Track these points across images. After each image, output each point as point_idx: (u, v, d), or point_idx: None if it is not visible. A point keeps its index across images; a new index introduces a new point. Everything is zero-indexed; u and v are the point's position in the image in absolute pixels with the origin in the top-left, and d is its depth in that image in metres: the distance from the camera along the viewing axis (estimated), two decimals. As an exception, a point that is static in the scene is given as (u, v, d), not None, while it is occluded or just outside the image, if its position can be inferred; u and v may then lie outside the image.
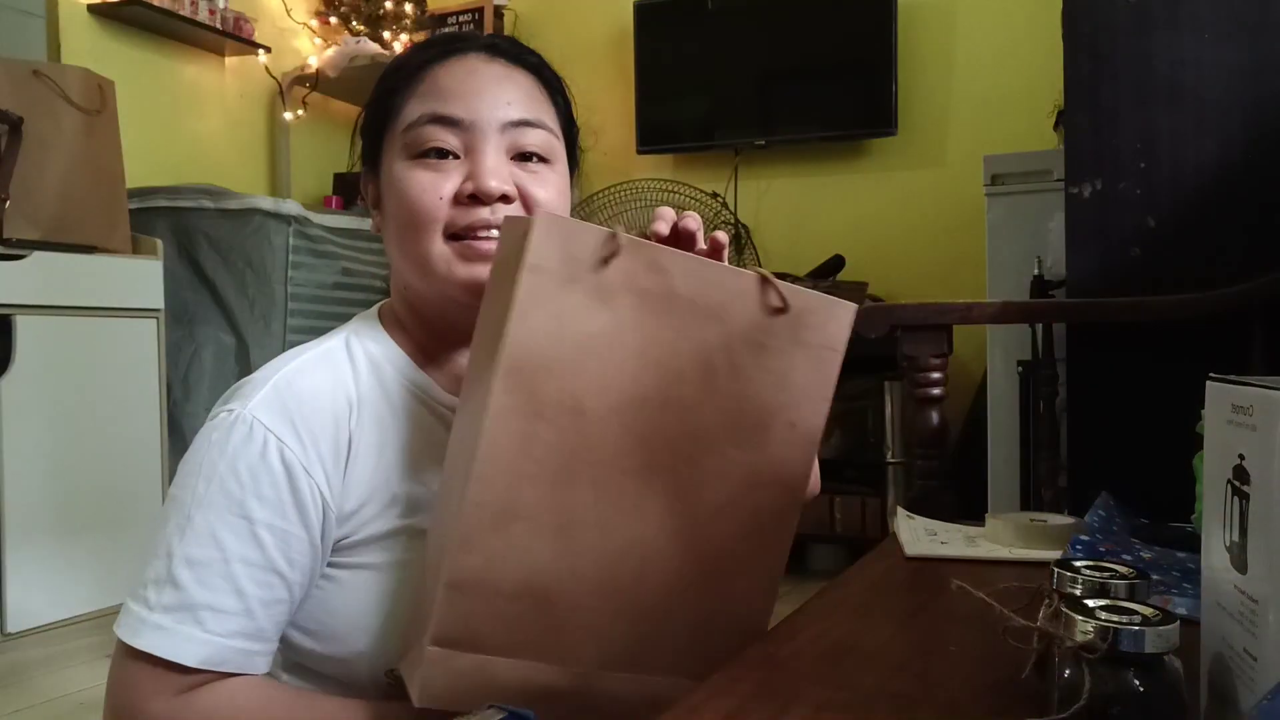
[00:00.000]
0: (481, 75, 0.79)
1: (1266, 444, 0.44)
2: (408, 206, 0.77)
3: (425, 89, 0.79)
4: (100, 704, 0.72)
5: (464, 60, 0.80)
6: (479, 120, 0.77)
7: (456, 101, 0.77)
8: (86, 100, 2.41)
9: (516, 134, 0.79)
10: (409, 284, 0.81)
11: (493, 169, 0.77)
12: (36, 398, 2.26)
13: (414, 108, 0.78)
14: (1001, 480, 2.31)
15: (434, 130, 0.77)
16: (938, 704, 0.56)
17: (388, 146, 0.80)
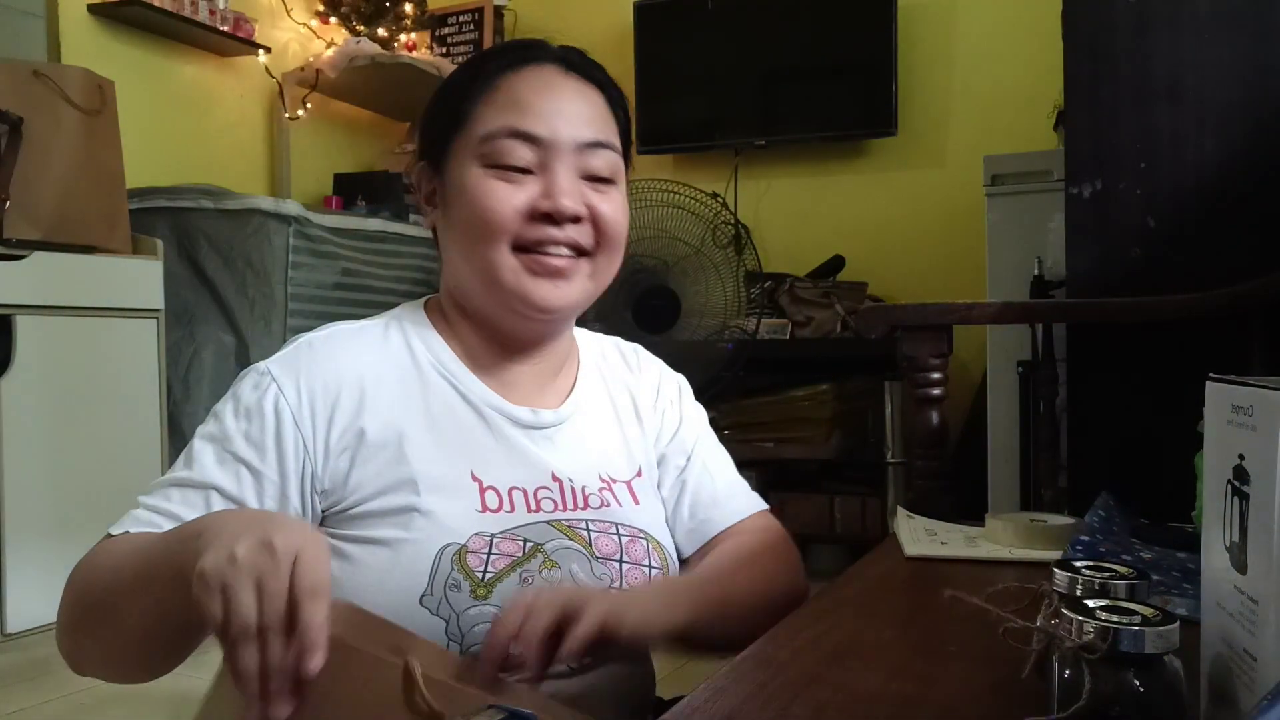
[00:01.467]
0: (558, 91, 0.81)
1: (1266, 444, 0.44)
2: (480, 215, 0.79)
3: (503, 98, 0.80)
4: (100, 704, 0.76)
5: (540, 71, 0.82)
6: (557, 139, 0.79)
7: (535, 118, 0.79)
8: (86, 100, 2.41)
9: (588, 155, 0.81)
10: (463, 286, 0.84)
11: (568, 189, 0.79)
12: (36, 398, 2.26)
13: (492, 118, 0.80)
14: (1001, 480, 2.31)
15: (512, 145, 0.79)
16: (938, 704, 0.56)
17: (458, 151, 0.81)
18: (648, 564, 0.83)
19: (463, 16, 3.70)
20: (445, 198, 0.83)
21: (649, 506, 0.89)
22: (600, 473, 0.86)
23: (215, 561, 0.56)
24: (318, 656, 0.55)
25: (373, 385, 0.79)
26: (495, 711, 0.50)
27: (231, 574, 0.56)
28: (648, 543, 0.85)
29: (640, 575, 0.82)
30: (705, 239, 3.32)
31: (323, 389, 0.78)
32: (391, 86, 3.47)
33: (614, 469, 0.88)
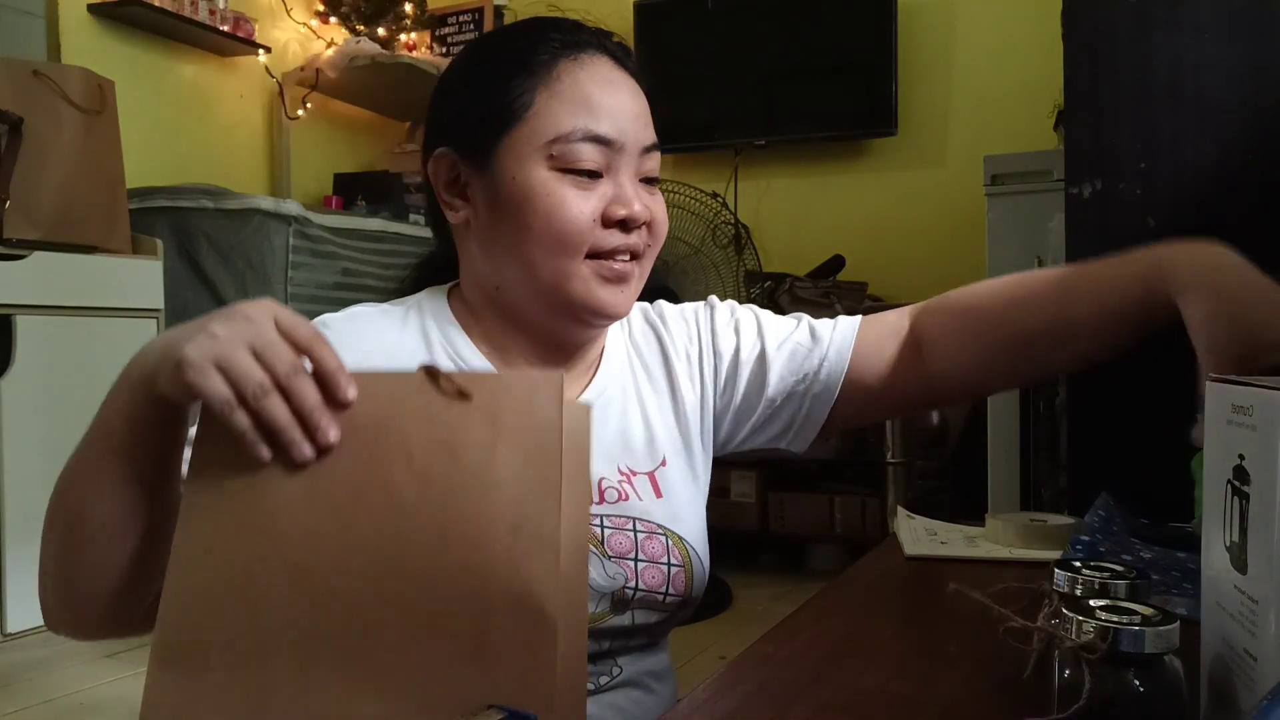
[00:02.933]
0: (620, 88, 0.79)
1: (1266, 444, 0.44)
2: (556, 224, 0.75)
3: (567, 91, 0.76)
4: (100, 704, 0.74)
5: (597, 63, 0.79)
6: (628, 143, 0.78)
7: (607, 119, 0.77)
8: (86, 100, 2.41)
9: (647, 158, 0.80)
10: (508, 287, 0.80)
11: (636, 195, 0.78)
12: (36, 398, 2.26)
13: (562, 115, 0.76)
14: (1001, 480, 2.31)
15: (588, 148, 0.76)
16: (938, 704, 0.56)
17: (515, 145, 0.77)
18: (666, 561, 0.81)
19: (463, 16, 3.70)
20: (497, 197, 0.78)
21: (673, 498, 0.85)
22: (620, 465, 0.84)
23: (198, 346, 0.55)
24: (352, 385, 0.56)
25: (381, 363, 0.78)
26: (495, 711, 0.50)
27: (222, 346, 0.55)
28: (667, 538, 0.82)
29: (658, 574, 0.80)
30: (705, 239, 3.32)
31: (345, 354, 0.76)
32: (391, 86, 3.47)
33: (635, 460, 0.85)
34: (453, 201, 0.81)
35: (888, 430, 2.92)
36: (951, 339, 0.87)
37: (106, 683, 2.11)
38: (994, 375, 0.88)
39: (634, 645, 0.82)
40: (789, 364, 0.89)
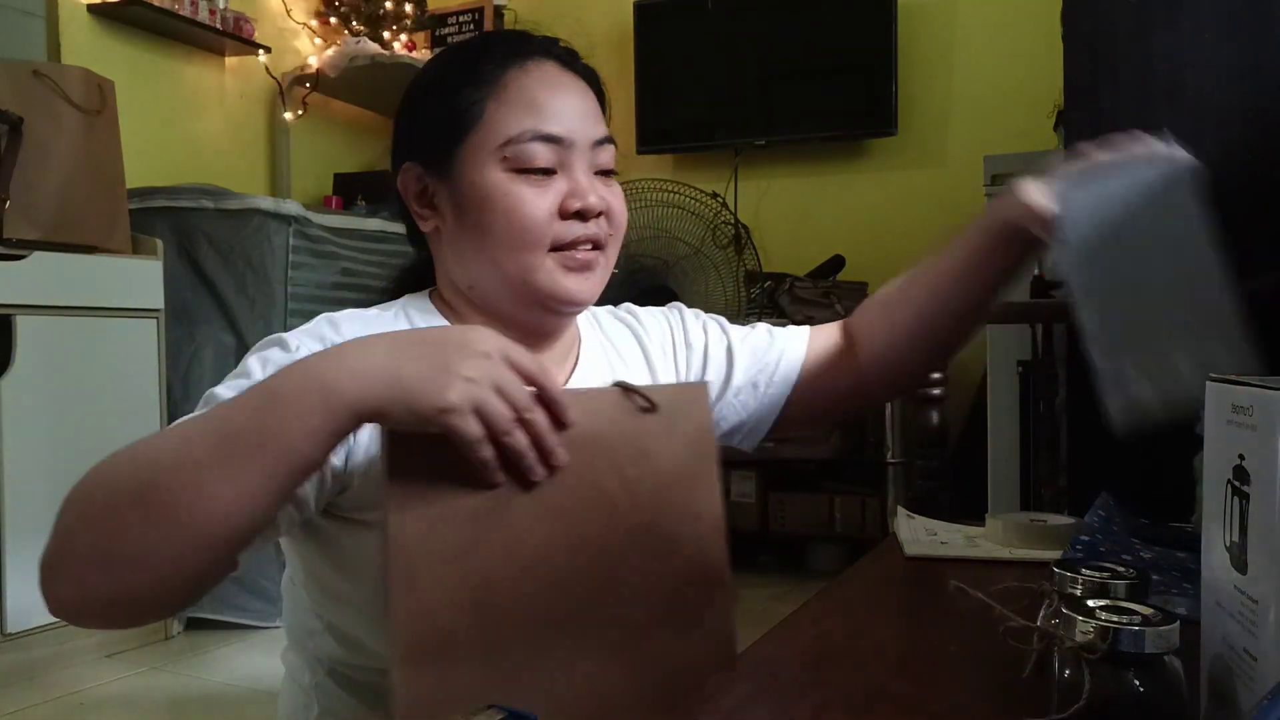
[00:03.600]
0: (566, 89, 0.83)
1: (1266, 444, 0.44)
2: (516, 222, 0.80)
3: (515, 98, 0.81)
4: (100, 704, 0.73)
5: (542, 68, 0.83)
6: (577, 140, 0.81)
7: (555, 119, 0.80)
8: (86, 100, 2.41)
9: (599, 152, 0.83)
10: (481, 286, 0.84)
11: (591, 186, 0.82)
12: (36, 398, 2.26)
13: (510, 119, 0.80)
14: (1001, 480, 2.31)
15: (538, 148, 0.80)
16: (938, 704, 0.56)
17: (471, 152, 0.81)
18: None
19: (463, 16, 3.70)
20: (460, 203, 0.82)
21: None
22: None
23: (460, 393, 0.61)
24: (572, 408, 0.65)
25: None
26: (495, 711, 0.51)
27: (477, 390, 0.62)
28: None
29: None
30: (705, 239, 3.32)
31: None
32: (391, 86, 3.46)
33: None
34: (422, 212, 0.86)
35: (888, 430, 2.92)
36: (878, 329, 0.96)
37: (106, 683, 2.11)
38: (916, 356, 0.96)
39: None
40: (751, 358, 0.97)
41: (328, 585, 0.80)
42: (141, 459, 0.64)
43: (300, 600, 0.84)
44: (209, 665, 2.23)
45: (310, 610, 0.83)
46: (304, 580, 0.82)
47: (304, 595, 0.83)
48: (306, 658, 0.85)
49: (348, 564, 0.78)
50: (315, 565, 0.80)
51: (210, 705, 2.05)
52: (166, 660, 2.26)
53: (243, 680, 2.11)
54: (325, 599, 0.81)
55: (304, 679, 0.85)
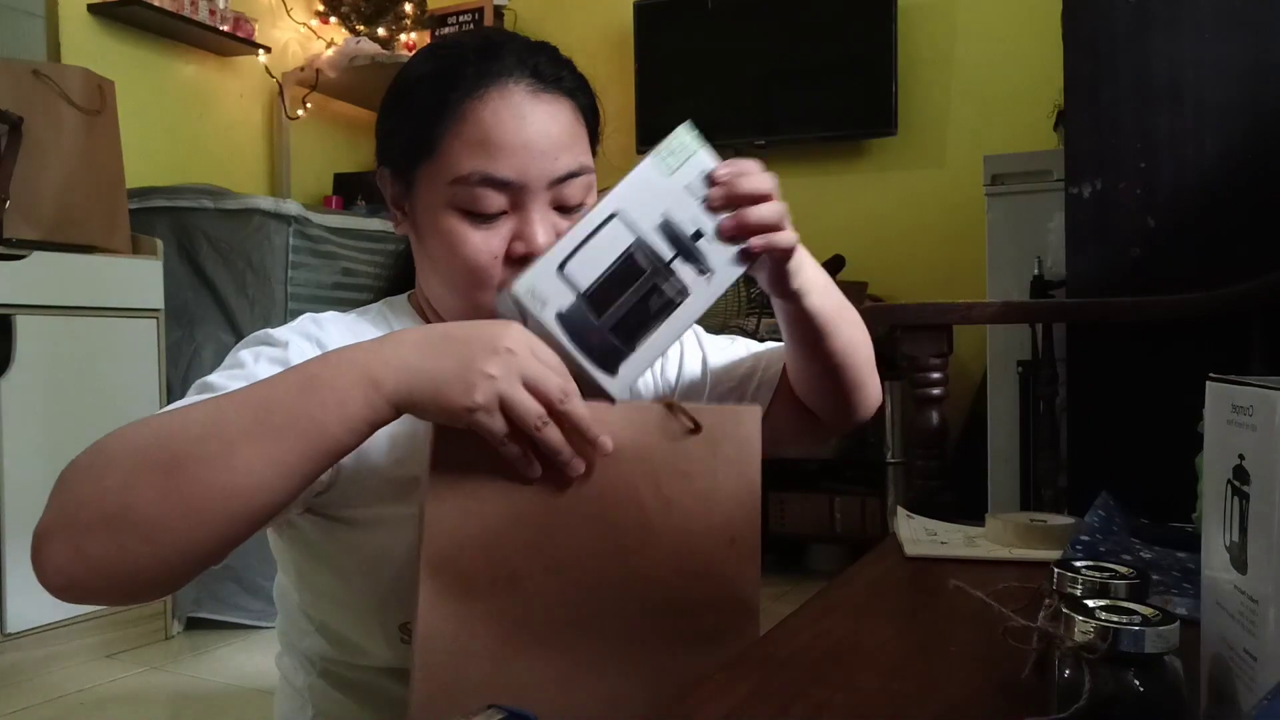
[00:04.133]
0: (527, 120, 0.76)
1: (1266, 444, 0.44)
2: (461, 264, 0.77)
3: (470, 132, 0.76)
4: (100, 704, 0.73)
5: (506, 95, 0.77)
6: (529, 182, 0.76)
7: (506, 160, 0.75)
8: (86, 100, 2.41)
9: (562, 189, 0.78)
10: (439, 303, 0.83)
11: (541, 230, 0.77)
12: (36, 398, 2.26)
13: (462, 157, 0.76)
14: (1001, 480, 2.31)
15: (485, 192, 0.76)
16: (938, 704, 0.56)
17: (426, 180, 0.79)
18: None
19: (463, 16, 3.70)
20: (416, 221, 0.81)
21: None
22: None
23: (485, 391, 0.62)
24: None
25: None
26: (495, 711, 0.51)
27: (503, 386, 0.62)
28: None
29: None
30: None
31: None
32: (391, 86, 3.47)
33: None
34: (398, 215, 0.84)
35: (888, 430, 2.92)
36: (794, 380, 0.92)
37: (106, 683, 2.11)
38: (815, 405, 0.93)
39: None
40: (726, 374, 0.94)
41: (317, 584, 0.80)
42: (166, 429, 0.62)
43: (291, 601, 0.84)
44: (209, 665, 2.23)
45: (301, 611, 0.83)
46: (294, 581, 0.82)
47: (295, 596, 0.83)
48: (300, 659, 0.85)
49: (335, 562, 0.78)
50: (303, 565, 0.81)
51: (210, 705, 2.05)
52: (166, 660, 2.26)
53: (243, 680, 2.11)
54: (315, 598, 0.81)
55: (298, 681, 0.85)
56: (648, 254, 0.69)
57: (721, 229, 0.71)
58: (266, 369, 0.72)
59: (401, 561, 0.75)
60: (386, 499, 0.76)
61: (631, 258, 0.69)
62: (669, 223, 0.70)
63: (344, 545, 0.76)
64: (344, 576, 0.77)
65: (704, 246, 0.70)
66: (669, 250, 0.69)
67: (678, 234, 0.70)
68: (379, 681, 0.79)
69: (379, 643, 0.77)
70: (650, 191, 0.70)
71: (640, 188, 0.70)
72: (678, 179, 0.71)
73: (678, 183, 0.71)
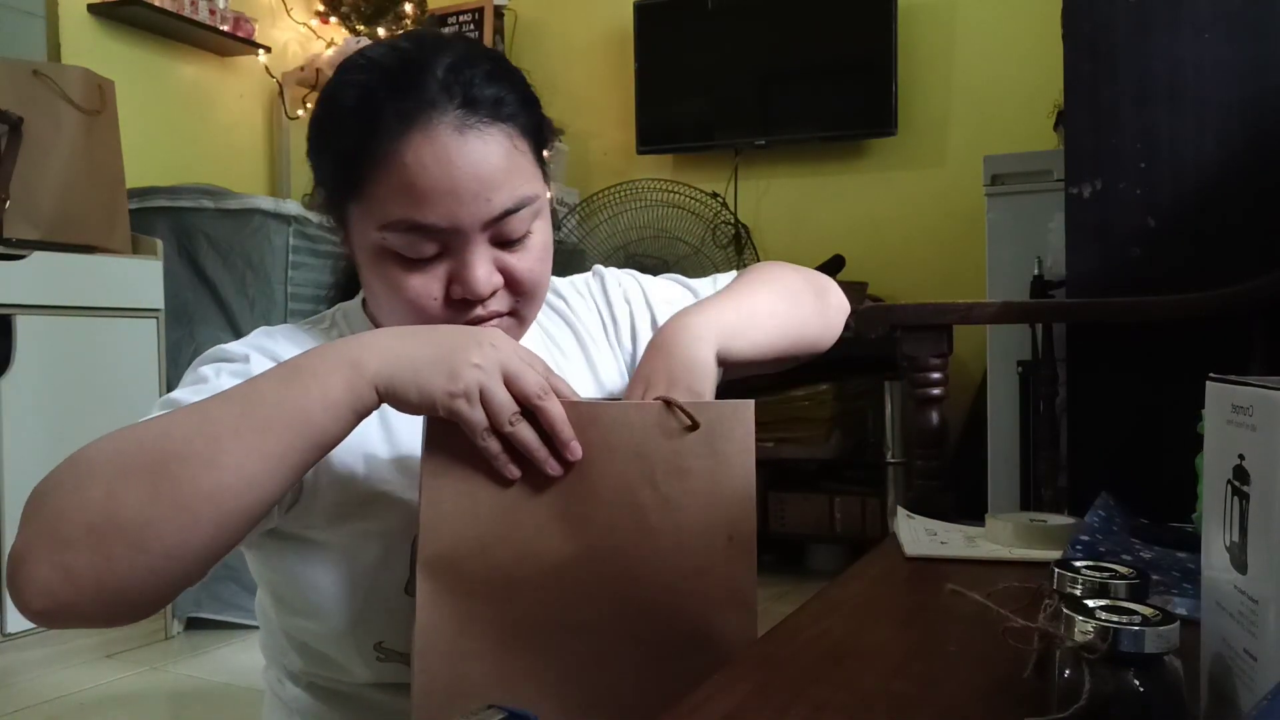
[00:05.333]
0: (455, 166, 0.71)
1: (1266, 444, 0.44)
2: (400, 304, 0.74)
3: (396, 178, 0.71)
4: (100, 704, 0.72)
5: (430, 136, 0.71)
6: (461, 226, 0.72)
7: (433, 207, 0.71)
8: (86, 100, 2.41)
9: (499, 227, 0.74)
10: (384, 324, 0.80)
11: (480, 271, 0.73)
12: (36, 398, 2.26)
13: (388, 204, 0.71)
14: (1001, 480, 2.31)
15: (415, 238, 0.72)
16: (938, 704, 0.56)
17: (357, 218, 0.75)
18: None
19: (463, 16, 3.70)
20: (353, 253, 0.78)
21: None
22: None
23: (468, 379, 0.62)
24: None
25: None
26: (495, 711, 0.51)
27: (484, 377, 0.62)
28: None
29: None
30: (705, 239, 3.32)
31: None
32: (391, 86, 3.47)
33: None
34: (333, 236, 0.81)
35: (888, 430, 2.92)
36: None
37: (106, 683, 2.11)
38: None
39: None
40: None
41: (291, 604, 0.79)
42: (148, 434, 0.61)
43: (271, 619, 0.83)
44: (209, 665, 2.23)
45: (280, 629, 0.82)
46: (271, 601, 0.82)
47: (273, 615, 0.82)
48: (282, 672, 0.85)
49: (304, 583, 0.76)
50: (277, 586, 0.80)
51: (210, 705, 2.05)
52: (166, 660, 2.26)
53: (243, 680, 2.11)
54: (290, 617, 0.80)
55: (283, 693, 0.85)
56: None
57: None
58: (229, 381, 0.70)
59: (370, 580, 0.74)
60: (349, 517, 0.75)
61: None
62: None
63: (311, 566, 0.75)
64: (315, 597, 0.76)
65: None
66: None
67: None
68: (362, 693, 0.79)
69: (356, 661, 0.76)
70: None
71: None
72: None
73: None
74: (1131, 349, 1.54)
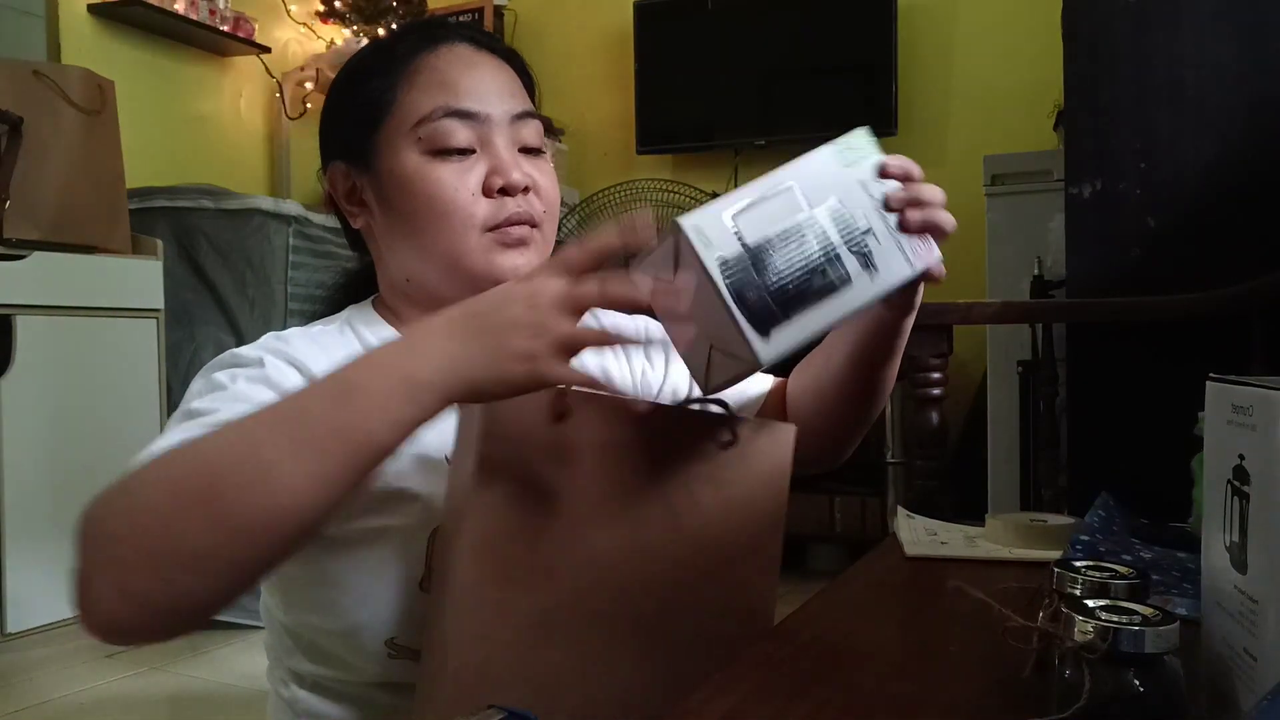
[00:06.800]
0: (480, 66, 0.80)
1: (1266, 444, 0.44)
2: (439, 205, 0.77)
3: (427, 80, 0.78)
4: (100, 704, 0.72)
5: (454, 49, 0.80)
6: (493, 114, 0.79)
7: (468, 95, 0.78)
8: (86, 100, 2.41)
9: (520, 127, 0.80)
10: (418, 277, 0.81)
11: (513, 162, 0.79)
12: (36, 398, 2.26)
13: (422, 100, 0.78)
14: (1001, 480, 2.31)
15: (451, 125, 0.77)
16: (938, 704, 0.56)
17: (388, 141, 0.79)
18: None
19: (462, 16, 3.70)
20: (382, 193, 0.80)
21: None
22: None
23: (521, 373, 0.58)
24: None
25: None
26: (495, 711, 0.51)
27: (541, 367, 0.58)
28: None
29: None
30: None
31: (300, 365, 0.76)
32: (391, 86, 3.47)
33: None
34: (352, 209, 0.83)
35: (888, 430, 2.92)
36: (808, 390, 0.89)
37: (106, 682, 2.11)
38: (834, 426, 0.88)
39: None
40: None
41: (301, 603, 0.79)
42: (196, 459, 0.60)
43: (276, 620, 0.83)
44: (209, 665, 2.23)
45: (286, 629, 0.82)
46: (279, 600, 0.81)
47: (280, 615, 0.82)
48: (287, 673, 0.85)
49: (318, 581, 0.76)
50: (288, 585, 0.79)
51: (210, 705, 2.05)
52: (166, 660, 2.26)
53: (243, 680, 2.11)
54: (300, 617, 0.80)
55: (287, 693, 0.84)
56: (817, 233, 0.66)
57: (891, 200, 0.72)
58: (247, 386, 0.70)
59: (386, 576, 0.74)
60: (366, 513, 0.75)
61: (801, 231, 0.66)
62: (841, 212, 0.69)
63: (326, 562, 0.75)
64: (328, 593, 0.76)
65: (872, 244, 0.69)
66: (838, 237, 0.67)
67: (849, 224, 0.68)
68: (368, 693, 0.79)
69: (365, 658, 0.76)
70: (826, 178, 0.70)
71: (817, 171, 0.70)
72: (852, 173, 0.72)
73: (852, 176, 0.71)
74: (1131, 349, 1.54)
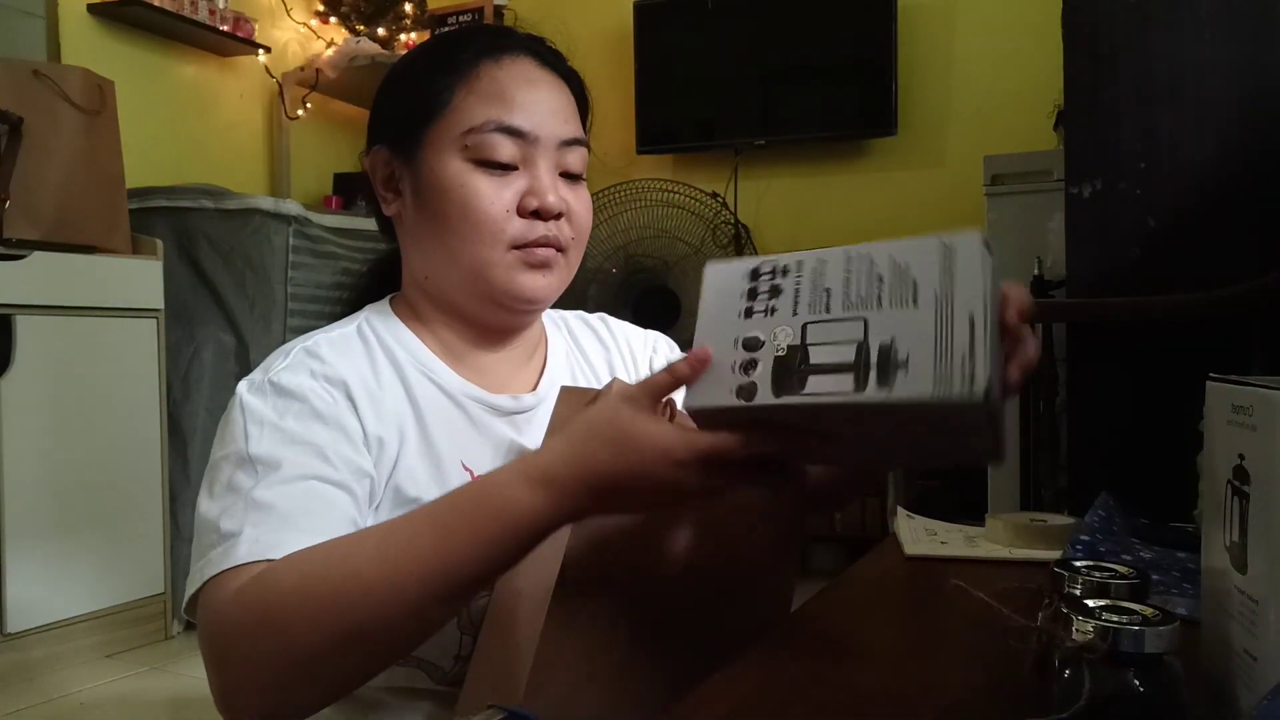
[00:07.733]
0: (540, 85, 0.81)
1: (1266, 444, 0.44)
2: (471, 215, 0.78)
3: (485, 88, 0.79)
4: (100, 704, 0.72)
5: (518, 63, 0.81)
6: (542, 136, 0.79)
7: (521, 112, 0.79)
8: (86, 100, 2.41)
9: (566, 152, 0.81)
10: (439, 277, 0.82)
11: (551, 186, 0.80)
12: (36, 398, 2.26)
13: (476, 109, 0.79)
14: (1001, 480, 2.30)
15: (500, 139, 0.78)
16: (938, 704, 0.56)
17: (435, 140, 0.80)
18: None
19: (463, 16, 3.70)
20: (419, 189, 0.81)
21: None
22: None
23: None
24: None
25: (372, 387, 0.78)
26: (495, 711, 0.51)
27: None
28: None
29: None
30: (705, 239, 3.32)
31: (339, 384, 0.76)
32: (391, 86, 3.47)
33: None
34: (387, 195, 0.84)
35: (888, 430, 2.91)
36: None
37: (106, 683, 2.11)
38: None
39: None
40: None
41: None
42: (335, 575, 0.61)
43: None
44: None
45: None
46: None
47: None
48: None
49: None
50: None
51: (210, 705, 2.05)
52: (166, 660, 2.26)
53: (243, 680, 2.11)
54: None
55: None
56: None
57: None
58: (297, 425, 0.71)
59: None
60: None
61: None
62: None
63: None
64: None
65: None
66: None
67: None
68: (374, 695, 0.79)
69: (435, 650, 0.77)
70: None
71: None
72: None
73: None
74: (1131, 349, 1.54)
